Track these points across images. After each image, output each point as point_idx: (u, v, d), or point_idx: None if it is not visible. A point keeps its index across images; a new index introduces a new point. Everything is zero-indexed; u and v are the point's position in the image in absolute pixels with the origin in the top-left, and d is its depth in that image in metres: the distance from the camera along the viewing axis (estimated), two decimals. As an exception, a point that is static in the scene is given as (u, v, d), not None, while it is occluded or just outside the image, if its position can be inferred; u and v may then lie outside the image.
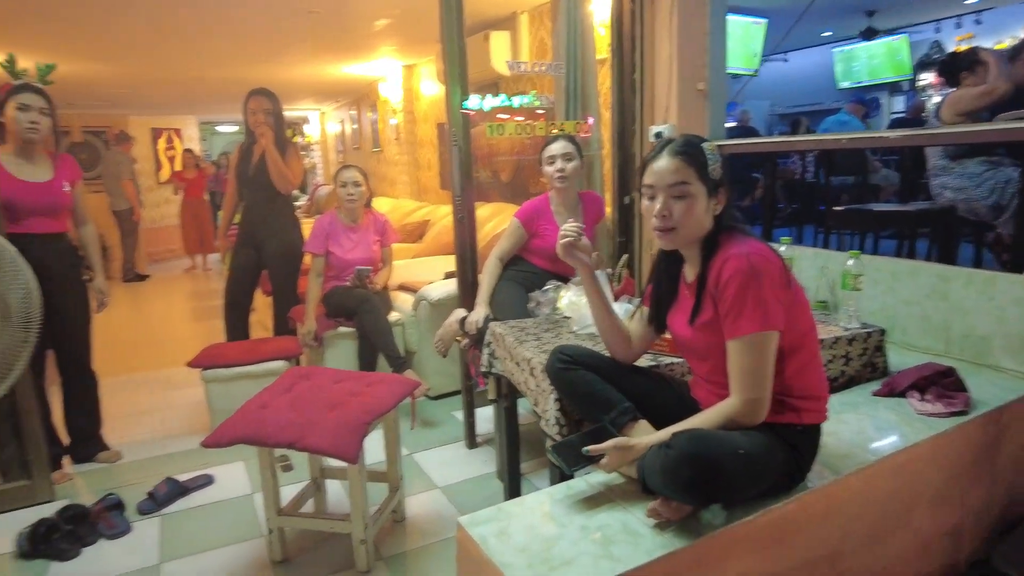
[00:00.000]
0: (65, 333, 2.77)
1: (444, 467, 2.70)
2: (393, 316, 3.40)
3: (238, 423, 1.90)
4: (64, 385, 2.86)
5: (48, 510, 2.37)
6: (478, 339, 2.56)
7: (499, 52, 4.67)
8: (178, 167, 9.93)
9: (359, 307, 3.17)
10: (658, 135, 3.21)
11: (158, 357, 4.54)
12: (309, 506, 2.30)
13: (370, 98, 7.99)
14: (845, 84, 9.60)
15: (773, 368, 1.39)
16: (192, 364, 3.04)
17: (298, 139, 12.72)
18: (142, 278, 8.09)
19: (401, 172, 7.14)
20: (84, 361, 2.90)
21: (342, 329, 3.28)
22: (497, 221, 4.60)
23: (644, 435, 1.50)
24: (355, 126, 9.03)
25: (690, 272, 1.54)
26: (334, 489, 2.49)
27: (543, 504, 1.43)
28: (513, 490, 2.31)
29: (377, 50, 5.87)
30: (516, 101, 3.28)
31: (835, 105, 9.96)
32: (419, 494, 2.49)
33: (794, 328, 1.43)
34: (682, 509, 1.35)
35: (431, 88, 6.36)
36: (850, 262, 2.17)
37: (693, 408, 1.56)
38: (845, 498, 1.53)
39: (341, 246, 3.38)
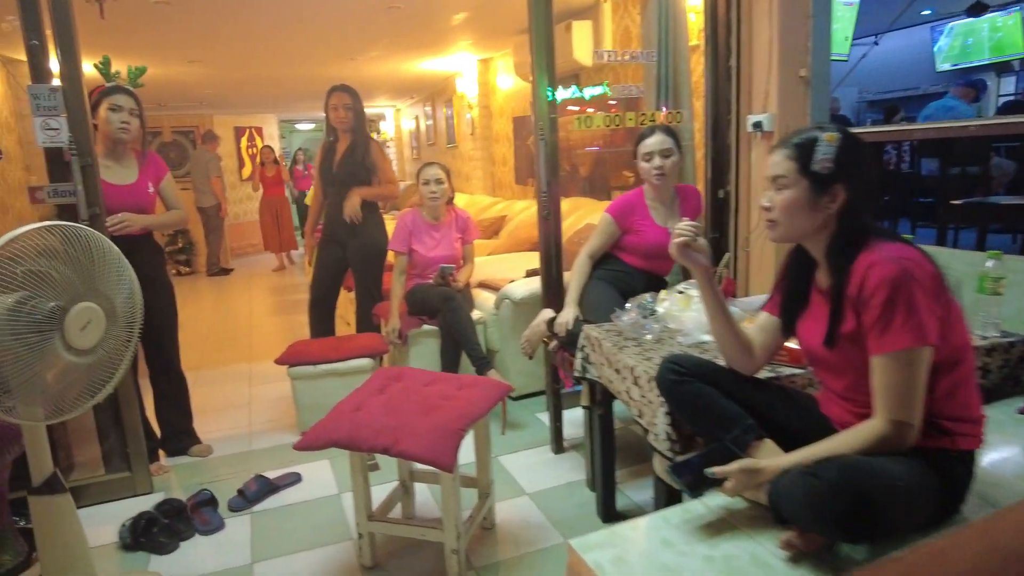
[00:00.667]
0: (154, 331, 2.83)
1: (531, 472, 2.61)
2: (475, 315, 3.34)
3: (331, 426, 1.87)
4: (154, 380, 2.94)
5: (146, 502, 2.43)
6: (567, 341, 2.45)
7: (582, 42, 4.53)
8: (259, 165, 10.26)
9: (443, 305, 3.12)
10: (757, 125, 3.02)
11: (245, 351, 4.65)
12: (397, 510, 2.26)
13: (445, 93, 7.99)
14: (946, 66, 8.95)
15: (925, 387, 1.23)
16: (279, 361, 3.07)
17: (375, 136, 12.93)
18: (226, 272, 8.39)
19: (476, 167, 7.11)
20: (173, 357, 2.97)
21: (426, 327, 3.24)
22: (576, 217, 4.48)
23: (771, 456, 1.36)
24: (430, 122, 9.07)
25: (823, 277, 1.39)
26: (421, 492, 2.44)
27: (659, 528, 1.32)
28: (608, 503, 2.20)
29: (454, 44, 5.84)
30: (603, 90, 3.15)
31: (933, 89, 9.32)
32: (507, 500, 2.41)
33: (948, 343, 1.26)
34: (818, 540, 1.21)
35: (507, 82, 6.28)
36: (990, 263, 1.94)
37: (822, 426, 1.41)
38: (1005, 533, 1.35)
39: (424, 244, 3.35)
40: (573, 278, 2.61)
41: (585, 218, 4.33)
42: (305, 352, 3.09)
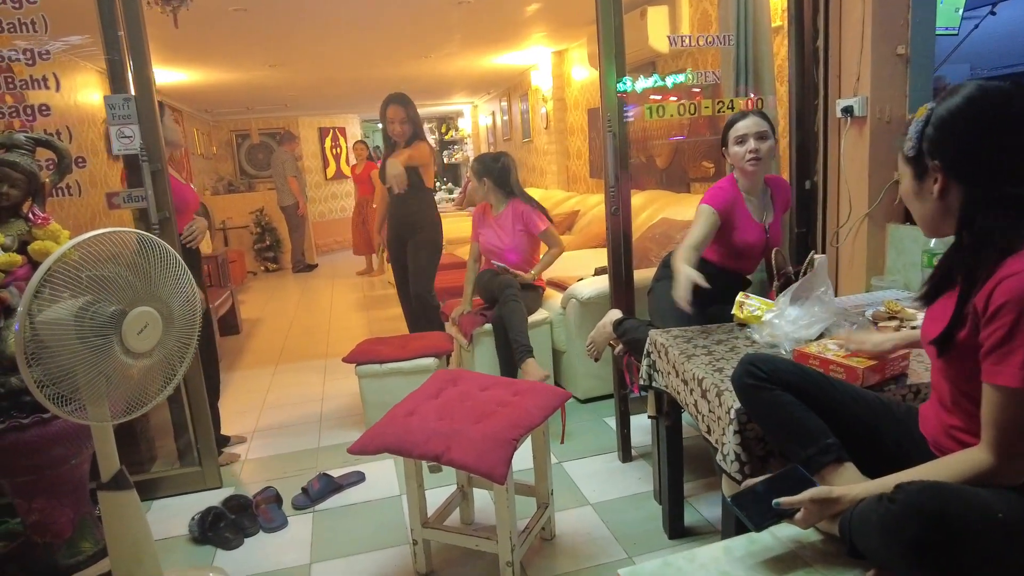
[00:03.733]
0: None
1: (596, 481, 2.50)
2: (541, 314, 3.26)
3: (385, 430, 1.83)
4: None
5: (216, 497, 2.49)
6: (634, 346, 2.33)
7: (657, 28, 4.34)
8: (343, 164, 10.56)
9: (499, 293, 3.11)
10: (847, 110, 2.78)
11: (322, 346, 4.77)
12: (455, 516, 2.21)
13: (521, 87, 7.92)
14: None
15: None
16: (347, 359, 3.10)
17: (451, 134, 13.06)
18: (311, 268, 8.66)
19: (550, 162, 7.00)
20: (205, 358, 2.87)
21: (489, 326, 3.18)
22: (652, 211, 4.31)
23: (851, 483, 1.20)
24: (505, 117, 9.03)
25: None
26: (482, 497, 2.38)
27: (719, 561, 1.19)
28: (675, 518, 2.07)
29: (528, 38, 5.75)
30: (672, 80, 2.98)
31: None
32: (569, 510, 2.31)
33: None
34: (900, 582, 1.05)
35: (581, 73, 6.14)
36: None
37: (920, 448, 1.23)
38: None
39: (484, 234, 3.47)
40: (678, 261, 2.27)
41: (662, 212, 4.15)
42: (372, 351, 3.11)
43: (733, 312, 2.00)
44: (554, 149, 6.79)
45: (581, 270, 3.78)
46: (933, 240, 2.47)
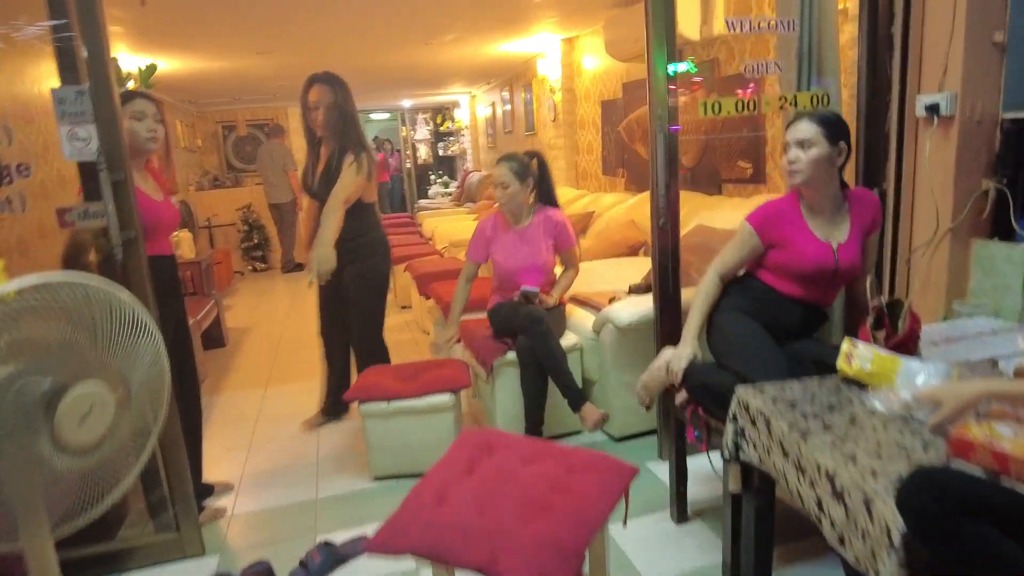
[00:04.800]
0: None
1: (647, 549, 2.11)
2: (569, 339, 2.85)
3: (410, 525, 1.43)
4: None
5: (198, 569, 2.09)
6: (703, 394, 1.93)
7: (687, 12, 3.92)
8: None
9: (529, 328, 2.65)
10: (932, 108, 2.38)
11: (317, 361, 4.34)
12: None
13: (525, 77, 7.48)
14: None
15: None
16: (348, 397, 2.69)
17: (447, 125, 12.57)
18: (301, 267, 8.21)
19: (558, 156, 6.58)
20: (184, 390, 2.45)
21: (512, 355, 2.76)
22: (683, 215, 3.89)
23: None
24: (507, 107, 8.58)
25: None
26: None
27: None
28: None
29: (536, 23, 5.32)
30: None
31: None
32: (621, 589, 1.93)
33: None
34: None
35: (593, 63, 5.71)
36: None
37: None
38: None
39: (504, 250, 2.92)
40: (695, 303, 2.07)
41: (693, 216, 3.75)
42: (378, 386, 2.69)
43: (839, 364, 1.61)
44: (562, 143, 6.37)
45: (604, 283, 3.38)
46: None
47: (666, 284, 2.47)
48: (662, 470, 2.53)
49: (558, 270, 3.05)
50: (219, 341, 4.89)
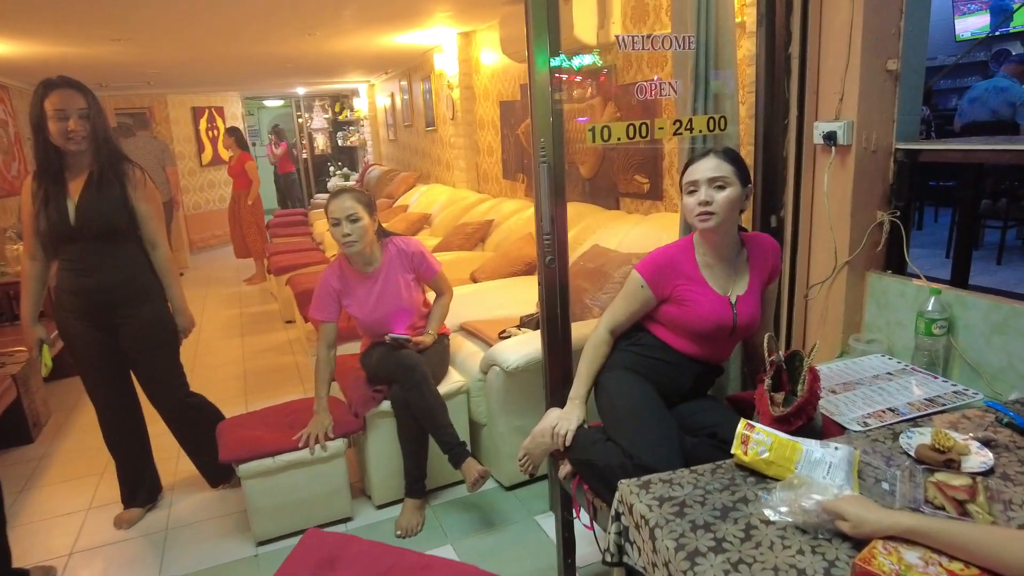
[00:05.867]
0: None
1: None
2: (453, 380, 2.58)
3: None
4: None
5: None
6: (587, 470, 1.72)
7: (583, 15, 3.70)
8: (220, 148, 9.34)
9: (403, 377, 2.35)
10: (829, 137, 2.26)
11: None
12: None
13: (424, 69, 7.10)
14: (966, 35, 8.11)
15: None
16: (224, 459, 2.28)
17: (346, 114, 11.95)
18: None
19: (458, 156, 6.28)
20: None
21: (386, 405, 2.46)
22: (580, 229, 3.71)
23: None
24: (406, 96, 8.16)
25: None
26: None
27: None
28: None
29: (430, 16, 4.97)
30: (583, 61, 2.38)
31: (950, 61, 8.49)
32: None
33: None
34: None
35: (492, 58, 5.43)
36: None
37: None
38: None
39: (360, 302, 2.49)
40: (583, 361, 1.85)
41: (592, 233, 3.56)
42: (253, 440, 2.32)
43: (734, 451, 1.42)
44: (462, 143, 6.06)
45: (499, 307, 3.14)
46: (931, 301, 2.01)
47: (554, 327, 2.24)
48: (552, 526, 2.32)
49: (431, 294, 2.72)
50: (71, 369, 4.30)
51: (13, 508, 2.75)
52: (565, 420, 1.77)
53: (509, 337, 2.67)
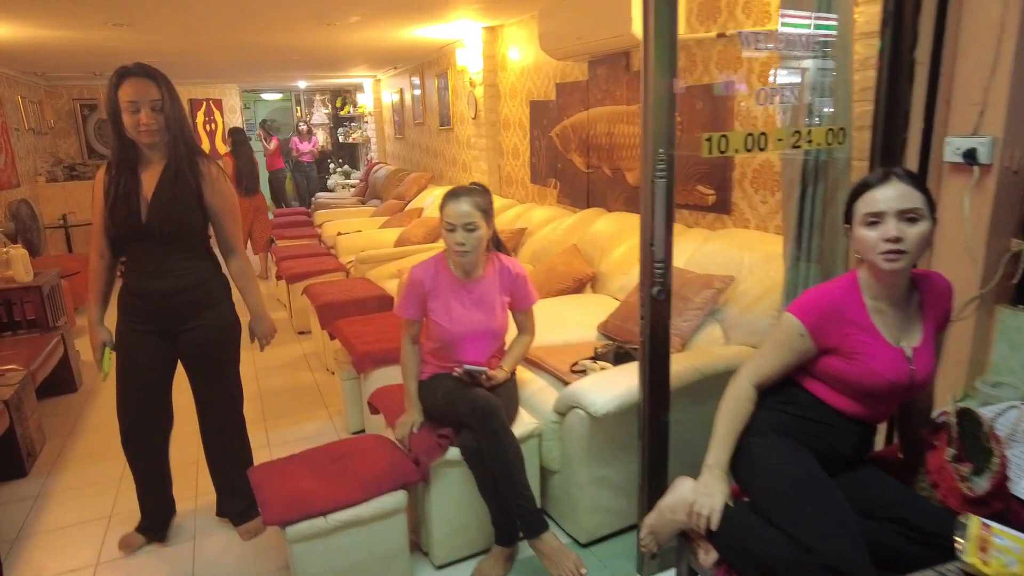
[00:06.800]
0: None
1: None
2: (526, 424, 2.26)
3: None
4: None
5: None
6: (743, 559, 1.41)
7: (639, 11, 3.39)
8: (218, 142, 8.95)
9: (478, 425, 2.04)
10: (968, 155, 1.97)
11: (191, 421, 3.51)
12: None
13: (439, 64, 6.75)
14: None
15: None
16: (270, 521, 1.93)
17: (349, 109, 11.56)
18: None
19: (478, 158, 5.95)
20: None
21: (453, 453, 2.14)
22: (626, 248, 3.41)
23: None
24: (417, 93, 7.80)
25: None
26: None
27: None
28: None
29: (456, 9, 4.63)
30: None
31: None
32: None
33: None
34: None
35: (521, 56, 5.11)
36: None
37: None
38: None
39: (447, 310, 2.23)
40: (722, 421, 1.54)
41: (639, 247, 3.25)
42: (304, 495, 1.98)
43: (967, 558, 1.12)
44: (484, 144, 5.73)
45: (552, 331, 2.82)
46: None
47: (657, 367, 1.94)
48: (648, 596, 2.02)
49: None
50: (69, 385, 3.94)
51: (8, 561, 2.39)
52: (706, 496, 1.46)
53: (584, 372, 2.36)
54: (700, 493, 1.48)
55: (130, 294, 2.20)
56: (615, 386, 2.13)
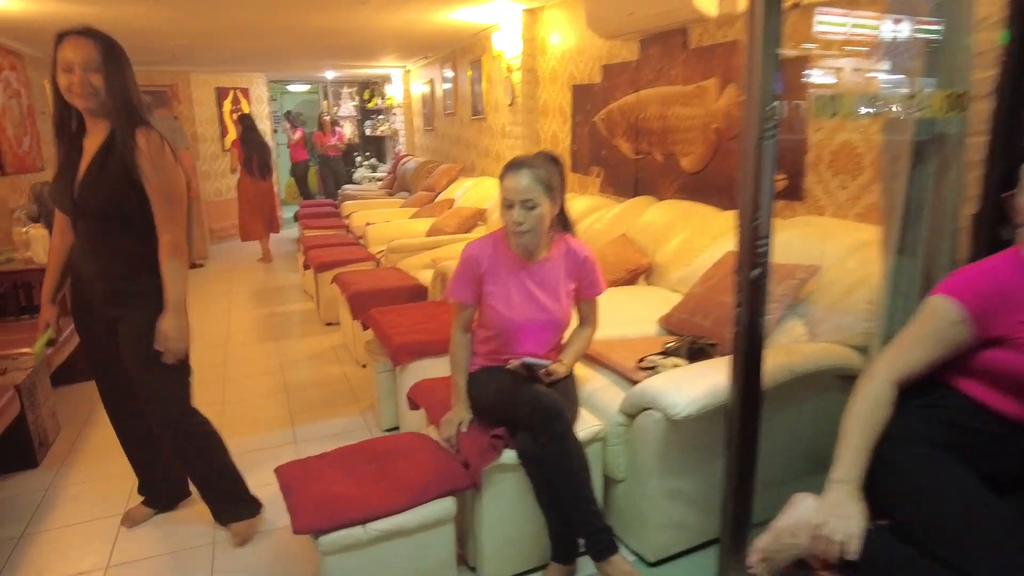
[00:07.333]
0: None
1: None
2: (588, 426, 1.99)
3: None
4: None
5: None
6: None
7: (705, -18, 3.12)
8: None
9: (539, 425, 1.78)
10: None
11: (216, 401, 3.30)
12: None
13: (473, 51, 6.52)
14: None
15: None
16: (301, 529, 1.69)
17: (377, 101, 11.37)
18: (196, 267, 6.96)
19: (512, 147, 5.69)
20: None
21: (507, 457, 1.88)
22: (691, 232, 3.13)
23: None
24: (447, 86, 7.59)
25: None
26: None
27: None
28: None
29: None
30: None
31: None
32: None
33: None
34: None
35: (562, 39, 4.85)
36: None
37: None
38: None
39: (507, 293, 1.98)
40: (853, 426, 1.26)
41: (710, 239, 2.99)
42: (339, 501, 1.73)
43: None
44: (520, 132, 5.48)
45: (614, 325, 2.54)
46: None
47: (752, 364, 1.67)
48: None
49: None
50: (87, 372, 3.73)
51: (11, 560, 2.18)
52: (840, 519, 1.19)
53: (653, 369, 2.09)
54: (831, 514, 1.21)
55: (73, 275, 2.09)
56: (696, 385, 1.85)
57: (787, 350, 2.11)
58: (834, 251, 2.44)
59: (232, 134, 8.79)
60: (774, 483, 1.80)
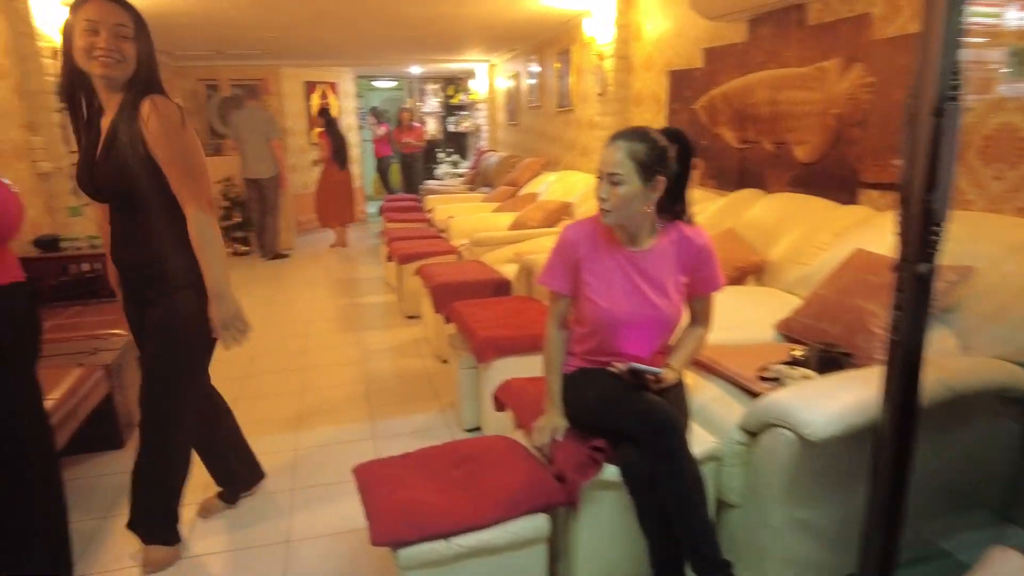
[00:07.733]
0: None
1: None
2: (703, 443, 1.75)
3: None
4: None
5: None
6: None
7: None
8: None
9: (650, 439, 1.55)
10: None
11: (296, 394, 3.23)
12: None
13: (561, 41, 6.31)
14: None
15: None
16: (377, 541, 1.53)
17: (460, 97, 11.34)
18: (281, 256, 7.06)
19: (600, 139, 5.41)
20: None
21: (609, 474, 1.66)
22: (800, 234, 2.82)
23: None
24: (532, 81, 7.41)
25: None
26: None
27: None
28: None
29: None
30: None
31: None
32: None
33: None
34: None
35: (658, 23, 4.57)
36: None
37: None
38: None
39: (606, 283, 1.77)
40: None
41: (832, 235, 2.67)
42: (421, 509, 1.57)
43: None
44: (610, 123, 5.22)
45: (721, 329, 2.27)
46: None
47: (910, 371, 1.38)
48: None
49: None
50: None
51: (93, 544, 2.14)
52: None
53: (777, 380, 1.82)
54: None
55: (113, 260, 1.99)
56: (835, 400, 1.58)
57: (941, 364, 1.79)
58: (990, 252, 2.09)
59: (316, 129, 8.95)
60: (930, 520, 1.51)
